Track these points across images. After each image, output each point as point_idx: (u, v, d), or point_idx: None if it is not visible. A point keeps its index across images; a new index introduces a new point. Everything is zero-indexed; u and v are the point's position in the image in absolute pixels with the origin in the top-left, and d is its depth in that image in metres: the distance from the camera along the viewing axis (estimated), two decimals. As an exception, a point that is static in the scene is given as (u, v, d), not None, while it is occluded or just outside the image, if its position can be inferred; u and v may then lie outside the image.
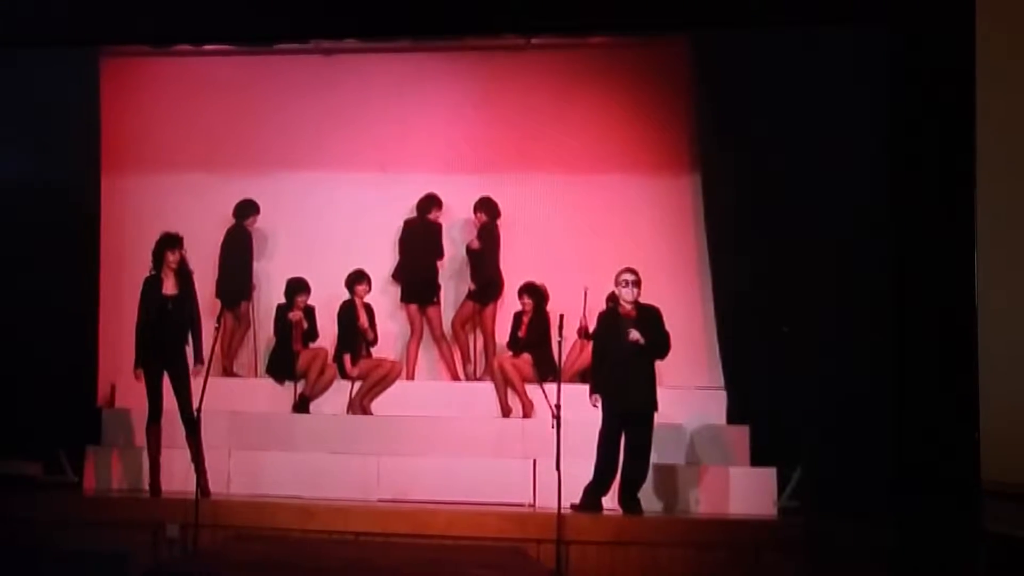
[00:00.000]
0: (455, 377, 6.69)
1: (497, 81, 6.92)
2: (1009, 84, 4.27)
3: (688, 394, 6.35)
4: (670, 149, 6.85)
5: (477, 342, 6.75)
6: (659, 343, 5.57)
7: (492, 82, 6.93)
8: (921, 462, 4.20)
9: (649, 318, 5.59)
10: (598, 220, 6.80)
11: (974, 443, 4.03)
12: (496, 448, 6.13)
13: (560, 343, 5.60)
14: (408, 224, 6.73)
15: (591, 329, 5.89)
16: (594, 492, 5.53)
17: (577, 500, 5.50)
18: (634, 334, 5.51)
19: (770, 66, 5.93)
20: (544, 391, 5.72)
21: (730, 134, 6.31)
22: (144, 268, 5.91)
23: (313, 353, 6.49)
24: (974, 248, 4.17)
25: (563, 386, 5.51)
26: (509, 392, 6.37)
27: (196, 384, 5.52)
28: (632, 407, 5.50)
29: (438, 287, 6.71)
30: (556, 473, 5.19)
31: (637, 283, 5.60)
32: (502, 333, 6.58)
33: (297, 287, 6.53)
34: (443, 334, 6.70)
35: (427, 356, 6.77)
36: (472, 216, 6.74)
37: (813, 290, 5.77)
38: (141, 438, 5.87)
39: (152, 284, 5.78)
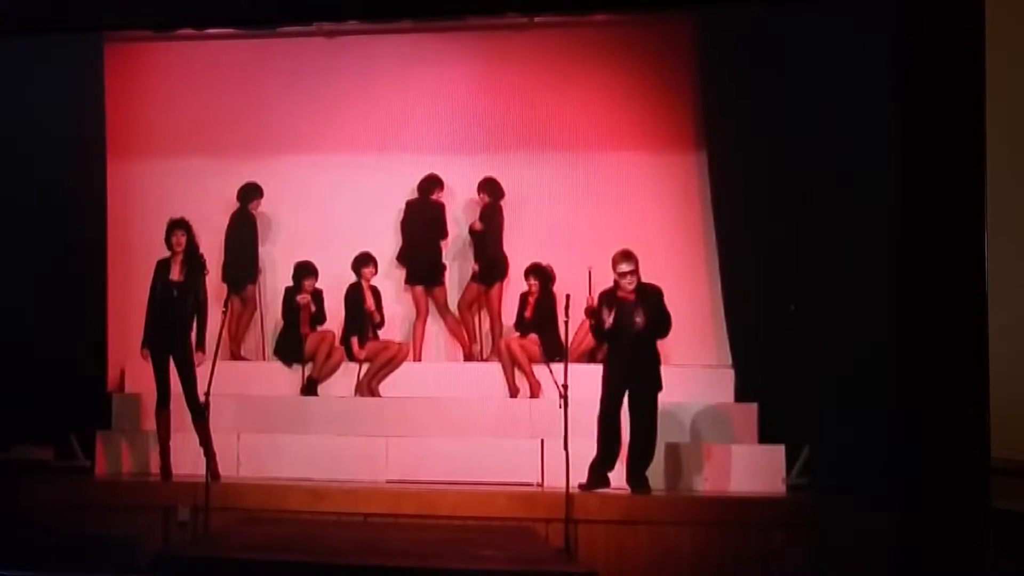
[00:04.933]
0: (467, 350, 6.69)
1: (500, 60, 6.87)
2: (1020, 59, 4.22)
3: (695, 372, 6.34)
4: (676, 127, 6.80)
5: (483, 323, 6.75)
6: (659, 324, 5.57)
7: (495, 61, 6.88)
8: (929, 439, 4.17)
9: (649, 299, 5.58)
10: (603, 199, 6.76)
11: (983, 420, 4.00)
12: (504, 428, 6.14)
13: (567, 323, 5.60)
14: (410, 205, 6.72)
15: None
16: (600, 467, 5.54)
17: (584, 479, 5.51)
18: (634, 318, 5.50)
19: (776, 41, 5.87)
20: (551, 371, 5.73)
21: (736, 111, 6.26)
22: (151, 253, 5.94)
23: (321, 336, 6.51)
24: (985, 224, 4.13)
25: (570, 366, 5.53)
26: (516, 372, 6.38)
27: (203, 370, 5.55)
28: (635, 387, 5.51)
29: (443, 268, 6.71)
30: (564, 452, 5.20)
31: (634, 272, 5.58)
32: (508, 314, 6.58)
33: (305, 270, 6.55)
34: (449, 309, 6.71)
35: (434, 338, 6.78)
36: (475, 196, 6.72)
37: (821, 267, 5.74)
38: (151, 422, 5.92)
39: (162, 268, 5.84)
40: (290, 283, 6.60)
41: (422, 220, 6.66)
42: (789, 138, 5.95)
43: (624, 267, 5.60)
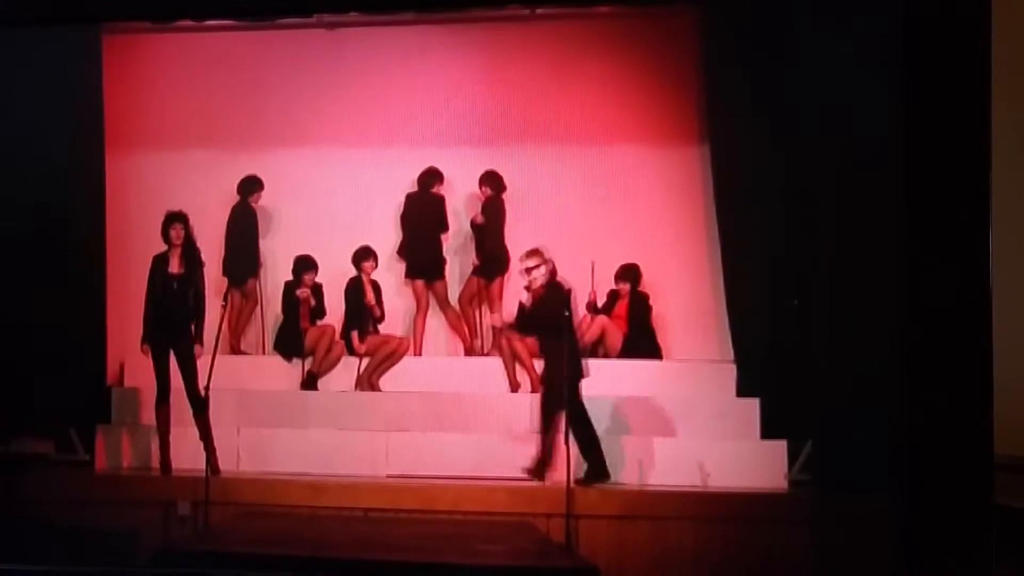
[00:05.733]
0: (467, 345, 6.67)
1: (502, 53, 6.83)
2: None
3: (697, 367, 6.33)
4: (679, 119, 6.75)
5: (484, 318, 6.73)
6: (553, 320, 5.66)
7: (497, 54, 6.84)
8: (932, 434, 4.15)
9: (556, 292, 5.66)
10: (605, 193, 6.74)
11: (987, 417, 3.98)
12: (504, 423, 6.12)
13: (568, 318, 5.58)
14: (410, 199, 6.69)
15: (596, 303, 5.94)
16: (590, 459, 5.53)
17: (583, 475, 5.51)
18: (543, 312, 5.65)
19: (780, 34, 5.83)
20: (552, 366, 5.72)
21: (739, 103, 6.22)
22: (150, 246, 5.93)
23: (321, 330, 6.49)
24: (989, 219, 4.10)
25: (571, 361, 5.52)
26: (517, 367, 6.36)
27: (203, 363, 5.54)
28: (556, 380, 5.59)
29: (443, 262, 6.68)
30: (564, 448, 5.19)
31: (535, 268, 5.70)
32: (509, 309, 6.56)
33: (304, 264, 6.53)
34: (450, 303, 6.69)
35: (434, 332, 6.75)
36: (477, 190, 6.69)
37: (824, 262, 5.71)
38: (150, 416, 5.91)
39: (160, 262, 5.82)
40: (290, 277, 6.58)
41: (422, 214, 6.63)
42: (792, 132, 5.91)
43: (526, 263, 5.78)
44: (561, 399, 5.59)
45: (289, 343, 6.51)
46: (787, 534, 5.03)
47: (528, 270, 5.73)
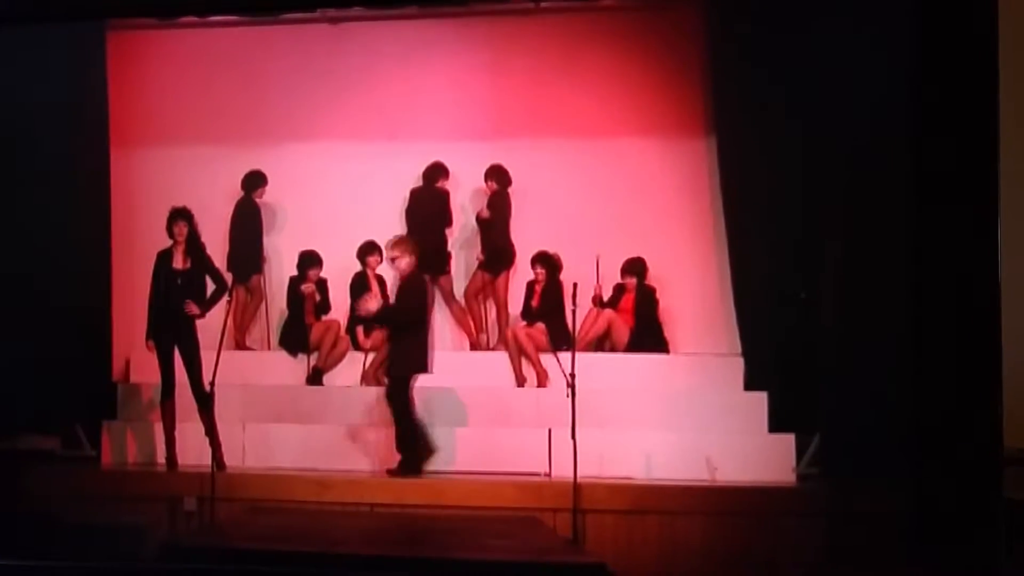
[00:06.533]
0: (473, 339, 6.64)
1: (506, 46, 6.81)
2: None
3: (705, 361, 6.31)
4: (684, 112, 6.73)
5: (489, 312, 6.71)
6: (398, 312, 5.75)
7: (501, 47, 6.82)
8: (941, 428, 4.13)
9: (414, 287, 5.73)
10: (612, 186, 6.71)
11: (996, 409, 3.95)
12: (511, 418, 6.11)
13: (574, 312, 5.56)
14: (415, 194, 6.67)
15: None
16: (405, 453, 5.63)
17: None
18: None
19: (785, 25, 5.80)
20: (558, 360, 5.68)
21: (747, 95, 6.19)
22: (154, 242, 5.91)
23: (326, 325, 6.48)
24: (998, 212, 4.07)
25: (577, 355, 5.49)
26: (523, 362, 6.34)
27: (208, 359, 5.52)
28: (400, 370, 5.67)
29: (448, 256, 6.66)
30: (572, 442, 5.17)
31: (397, 258, 5.73)
32: (515, 303, 6.54)
33: (309, 260, 6.52)
34: (455, 298, 6.67)
35: (440, 327, 6.73)
36: (483, 184, 6.67)
37: (831, 255, 5.68)
38: (156, 412, 5.90)
39: (164, 258, 5.79)
40: (295, 272, 6.57)
41: (427, 208, 6.61)
42: (799, 124, 5.88)
43: (387, 253, 5.87)
44: (406, 389, 5.62)
45: (294, 338, 6.50)
46: (796, 527, 5.00)
47: (392, 260, 5.79)
